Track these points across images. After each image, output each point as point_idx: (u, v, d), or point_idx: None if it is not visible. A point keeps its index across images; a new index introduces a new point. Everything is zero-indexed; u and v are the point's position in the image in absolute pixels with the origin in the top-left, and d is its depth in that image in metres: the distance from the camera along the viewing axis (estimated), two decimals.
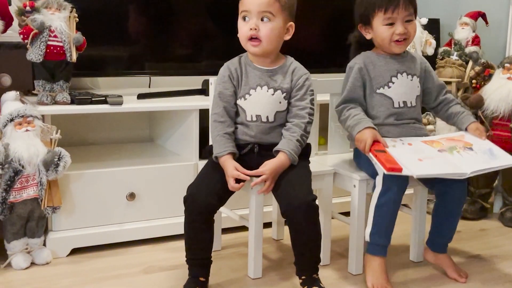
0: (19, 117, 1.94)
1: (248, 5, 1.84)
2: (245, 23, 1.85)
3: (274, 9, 1.83)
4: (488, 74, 2.73)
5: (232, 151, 1.85)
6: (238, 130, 1.91)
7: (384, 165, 1.79)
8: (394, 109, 2.02)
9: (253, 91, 1.89)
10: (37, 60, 2.06)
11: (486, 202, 2.69)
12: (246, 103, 1.89)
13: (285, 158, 1.82)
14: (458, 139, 2.01)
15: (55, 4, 2.10)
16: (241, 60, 1.94)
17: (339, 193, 2.25)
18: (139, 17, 2.50)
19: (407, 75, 2.05)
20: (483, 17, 3.12)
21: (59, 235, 2.10)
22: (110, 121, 2.68)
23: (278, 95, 1.89)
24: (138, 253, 2.17)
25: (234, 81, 1.90)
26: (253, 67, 1.91)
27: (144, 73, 2.60)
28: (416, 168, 1.81)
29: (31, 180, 1.97)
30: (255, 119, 1.89)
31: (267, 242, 2.29)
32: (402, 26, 1.97)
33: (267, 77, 1.90)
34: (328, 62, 2.85)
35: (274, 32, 1.85)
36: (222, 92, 1.90)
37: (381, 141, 1.90)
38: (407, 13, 1.97)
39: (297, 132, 1.86)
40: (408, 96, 2.04)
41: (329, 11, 2.88)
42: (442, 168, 1.85)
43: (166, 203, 2.26)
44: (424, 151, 1.92)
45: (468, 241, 2.38)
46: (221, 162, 1.84)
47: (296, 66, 1.93)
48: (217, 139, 1.87)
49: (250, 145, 1.89)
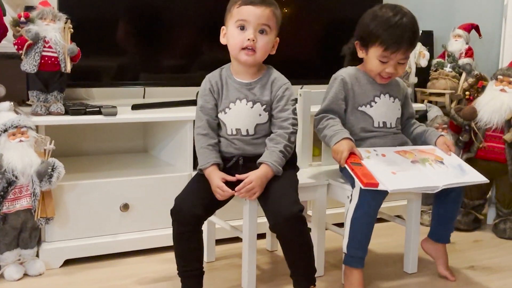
0: (13, 127, 1.94)
1: (247, 15, 1.82)
2: (241, 32, 1.83)
3: (272, 23, 1.84)
4: (481, 86, 2.75)
5: (215, 162, 1.84)
6: (222, 143, 1.90)
7: (361, 180, 1.81)
8: (373, 128, 2.03)
9: (233, 105, 1.88)
10: (31, 71, 2.06)
11: (480, 213, 2.69)
12: (226, 117, 1.89)
13: (268, 169, 1.80)
14: (429, 152, 2.04)
15: (50, 15, 2.10)
16: (222, 73, 1.92)
17: (333, 204, 2.25)
18: (134, 28, 2.51)
19: (389, 97, 2.06)
20: (476, 29, 3.14)
21: (52, 246, 2.09)
22: (104, 131, 2.68)
23: (258, 107, 1.87)
24: (131, 264, 2.16)
25: (214, 94, 1.90)
26: (232, 80, 1.90)
27: (139, 83, 2.60)
28: (390, 183, 1.83)
29: (25, 191, 1.96)
30: (235, 133, 1.88)
31: (261, 253, 2.29)
32: (394, 68, 1.98)
33: (246, 90, 1.88)
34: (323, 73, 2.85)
35: (268, 45, 1.86)
36: (203, 105, 1.90)
37: (357, 152, 1.91)
38: (403, 56, 1.98)
39: (280, 142, 1.84)
40: (389, 117, 2.06)
41: (324, 22, 2.89)
42: (415, 182, 1.87)
43: (160, 214, 2.25)
44: (397, 162, 1.93)
45: (462, 252, 2.38)
46: (207, 174, 1.84)
47: (276, 76, 1.90)
48: (201, 152, 1.87)
49: (235, 158, 1.88)
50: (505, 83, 2.58)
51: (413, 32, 1.97)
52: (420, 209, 2.14)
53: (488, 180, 2.01)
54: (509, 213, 2.61)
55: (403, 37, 1.94)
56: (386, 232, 2.49)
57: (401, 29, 1.93)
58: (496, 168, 2.56)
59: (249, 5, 1.81)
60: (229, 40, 1.87)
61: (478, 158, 2.58)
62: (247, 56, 1.84)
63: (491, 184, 2.66)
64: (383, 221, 2.39)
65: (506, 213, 2.61)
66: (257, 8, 1.81)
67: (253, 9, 1.81)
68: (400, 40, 1.94)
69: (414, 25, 1.98)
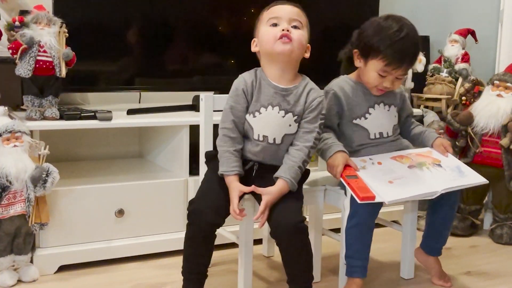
0: (7, 132, 1.93)
1: (278, 12, 1.81)
2: (274, 28, 1.80)
3: (303, 20, 1.84)
4: (478, 91, 2.75)
5: (238, 172, 1.79)
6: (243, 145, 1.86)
7: (358, 194, 1.78)
8: (369, 140, 2.01)
9: (264, 110, 1.81)
10: (26, 75, 2.05)
11: (476, 218, 2.69)
12: (255, 121, 1.82)
13: (285, 186, 1.77)
14: (426, 155, 2.02)
15: (45, 19, 2.09)
16: (257, 73, 1.85)
17: (330, 209, 2.24)
18: (129, 32, 2.50)
19: (384, 105, 2.03)
20: (473, 34, 3.14)
21: (46, 252, 2.07)
22: (99, 136, 2.67)
23: (289, 117, 1.82)
24: (126, 270, 2.15)
25: (248, 95, 1.82)
26: (267, 83, 1.83)
27: (134, 88, 2.59)
28: (387, 194, 1.80)
29: (19, 196, 1.95)
30: (262, 139, 1.82)
31: (258, 259, 2.28)
32: (391, 82, 1.96)
33: (280, 97, 1.81)
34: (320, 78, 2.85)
35: (303, 39, 1.82)
36: (233, 106, 1.82)
37: (352, 164, 1.88)
38: (403, 73, 1.95)
39: (299, 157, 1.80)
40: (385, 127, 2.03)
41: (320, 28, 2.89)
42: (413, 190, 1.85)
43: (155, 219, 2.24)
44: (394, 170, 1.91)
45: (459, 258, 2.37)
46: (227, 182, 1.79)
47: (312, 87, 1.85)
48: (226, 155, 1.80)
49: (251, 163, 1.85)
50: (502, 88, 2.58)
51: (416, 50, 1.95)
52: (416, 215, 2.13)
53: (488, 181, 1.99)
54: (506, 218, 2.60)
55: (407, 55, 1.91)
56: (382, 238, 2.49)
57: (406, 47, 1.89)
58: (493, 173, 2.56)
59: (278, 5, 1.84)
60: (263, 39, 1.82)
61: (474, 163, 2.58)
62: (284, 45, 1.77)
63: (488, 189, 2.66)
64: (380, 226, 2.38)
65: (502, 218, 2.61)
66: (287, 5, 1.84)
67: (283, 6, 1.84)
68: (404, 57, 1.90)
69: (417, 43, 1.95)
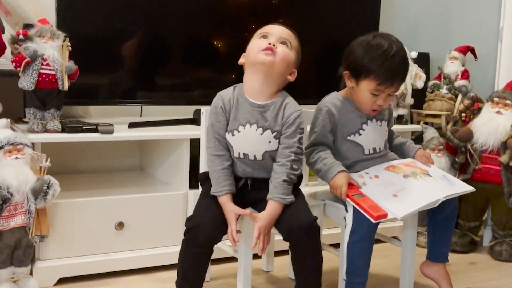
0: (9, 144, 1.94)
1: (270, 29, 1.84)
2: (262, 40, 1.82)
3: (293, 42, 1.86)
4: (477, 108, 2.76)
5: (229, 191, 1.80)
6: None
7: (371, 214, 1.78)
8: (364, 156, 2.01)
9: (242, 128, 1.82)
10: (28, 88, 2.07)
11: (476, 235, 2.69)
12: (234, 140, 1.83)
13: (276, 206, 1.78)
14: (413, 165, 2.03)
15: (48, 33, 2.11)
16: (235, 90, 1.87)
17: (329, 224, 2.24)
18: (131, 46, 2.51)
19: (376, 121, 2.04)
20: (472, 51, 3.16)
21: (46, 264, 2.07)
22: (100, 149, 2.68)
23: (268, 134, 1.82)
24: (126, 283, 2.15)
25: (226, 113, 1.84)
26: (244, 99, 1.84)
27: (136, 102, 2.61)
28: (398, 209, 1.81)
29: (19, 208, 1.95)
30: (243, 157, 1.84)
31: (257, 273, 2.28)
32: (384, 100, 1.96)
33: (258, 114, 1.83)
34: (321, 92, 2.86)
35: (287, 58, 1.83)
36: (214, 124, 1.85)
37: (354, 183, 1.90)
38: (394, 90, 1.96)
39: (283, 172, 1.80)
40: (378, 142, 2.04)
41: (319, 43, 2.91)
42: (420, 201, 1.86)
43: (155, 233, 2.24)
44: (393, 182, 1.92)
45: (458, 274, 2.37)
46: (221, 202, 1.80)
47: (288, 102, 1.85)
48: (214, 176, 1.82)
49: (244, 179, 1.86)
50: (501, 105, 2.59)
51: (406, 65, 1.97)
52: (416, 230, 2.13)
53: (474, 189, 1.99)
54: (505, 235, 2.60)
55: (399, 72, 1.93)
56: (382, 253, 2.48)
57: (396, 64, 1.90)
58: (492, 190, 2.56)
59: (274, 24, 1.87)
60: (249, 49, 1.85)
61: (474, 180, 2.58)
62: (266, 56, 1.79)
63: (487, 206, 2.66)
64: (379, 242, 2.37)
65: (502, 235, 2.61)
66: (281, 26, 1.87)
67: (277, 26, 1.87)
68: (396, 75, 1.92)
69: (406, 58, 1.97)
